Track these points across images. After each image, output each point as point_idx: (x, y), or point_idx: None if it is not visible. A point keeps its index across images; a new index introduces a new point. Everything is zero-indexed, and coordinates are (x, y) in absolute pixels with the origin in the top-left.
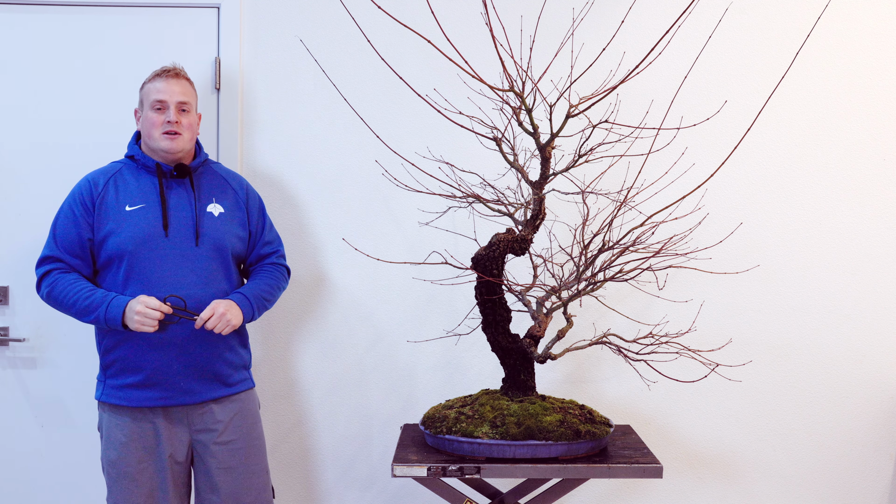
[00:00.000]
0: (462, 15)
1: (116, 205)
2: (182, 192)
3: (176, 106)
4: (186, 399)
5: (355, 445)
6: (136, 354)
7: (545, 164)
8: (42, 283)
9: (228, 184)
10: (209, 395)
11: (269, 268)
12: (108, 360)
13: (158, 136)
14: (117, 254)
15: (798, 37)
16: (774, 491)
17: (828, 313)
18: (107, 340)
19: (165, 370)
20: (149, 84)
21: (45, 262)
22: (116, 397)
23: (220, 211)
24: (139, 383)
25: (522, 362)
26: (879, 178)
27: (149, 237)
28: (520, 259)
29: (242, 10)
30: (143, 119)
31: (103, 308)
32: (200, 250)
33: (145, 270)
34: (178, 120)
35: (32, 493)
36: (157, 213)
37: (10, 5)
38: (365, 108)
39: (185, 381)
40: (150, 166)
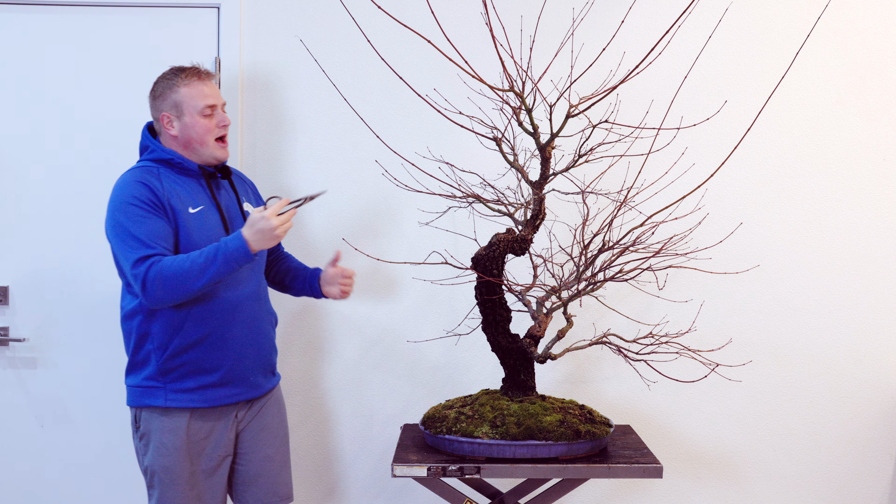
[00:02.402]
0: (462, 15)
1: (181, 206)
2: (225, 193)
3: (222, 108)
4: (254, 393)
5: (355, 445)
6: (212, 352)
7: (545, 164)
8: (148, 278)
9: (243, 180)
10: (267, 386)
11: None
12: (174, 364)
13: (213, 143)
14: None
15: (798, 37)
16: (774, 491)
17: (828, 313)
18: (176, 342)
19: (240, 366)
20: (184, 88)
21: (140, 261)
22: (187, 401)
23: (252, 208)
24: (215, 383)
25: (522, 362)
26: (879, 178)
27: (216, 240)
28: (520, 259)
29: (242, 10)
30: (185, 125)
31: (223, 248)
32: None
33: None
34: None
35: (32, 493)
36: (215, 215)
37: (10, 5)
38: (365, 108)
39: (254, 376)
40: (192, 169)
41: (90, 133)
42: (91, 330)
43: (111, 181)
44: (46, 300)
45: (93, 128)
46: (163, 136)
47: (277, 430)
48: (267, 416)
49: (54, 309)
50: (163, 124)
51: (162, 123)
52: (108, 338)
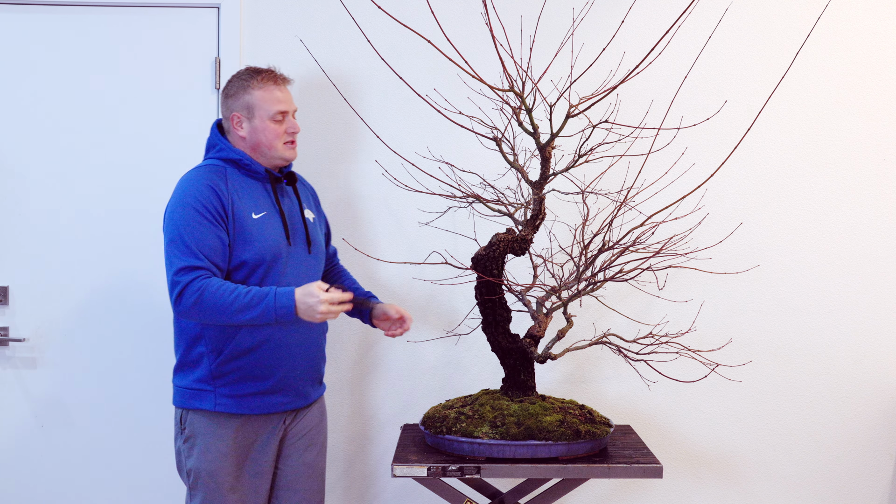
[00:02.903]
0: (462, 15)
1: (244, 211)
2: (288, 200)
3: (293, 114)
4: (302, 402)
5: (355, 445)
6: (267, 360)
7: (545, 164)
8: (185, 292)
9: (306, 186)
10: (315, 396)
11: (346, 270)
12: (227, 368)
13: (282, 146)
14: (253, 263)
15: (798, 37)
16: (774, 491)
17: (828, 313)
18: (232, 347)
19: (291, 375)
20: (258, 91)
21: (184, 271)
22: (236, 406)
23: (314, 216)
24: (265, 391)
25: (522, 362)
26: (879, 178)
27: (278, 246)
28: (520, 259)
29: (242, 10)
30: (256, 129)
31: (271, 297)
32: (312, 257)
33: (276, 278)
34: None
35: (32, 493)
36: (277, 222)
37: (10, 5)
38: (365, 108)
39: (303, 385)
40: (259, 172)
41: (90, 133)
42: (91, 330)
43: (111, 181)
44: (46, 300)
45: (93, 128)
46: (230, 135)
47: (317, 438)
48: (310, 424)
49: (54, 309)
50: (232, 124)
51: (231, 123)
52: (108, 338)
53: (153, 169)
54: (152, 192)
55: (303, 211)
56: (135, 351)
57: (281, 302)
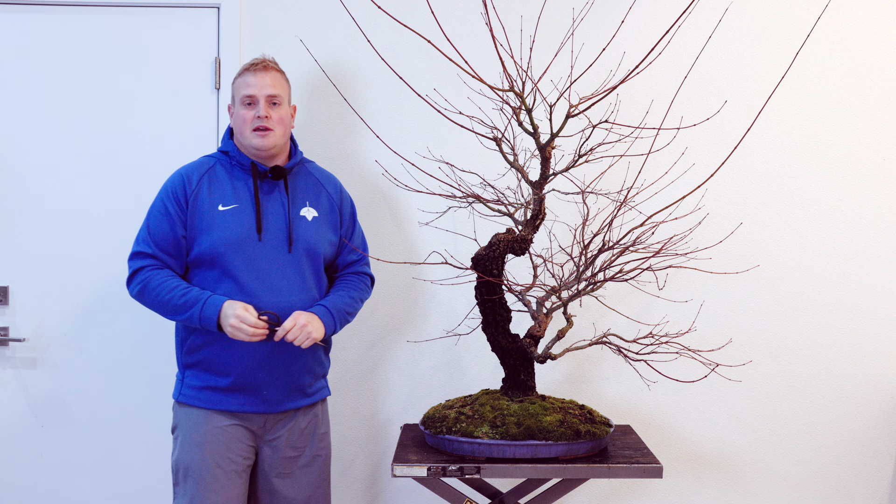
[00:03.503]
0: (462, 15)
1: (209, 203)
2: (276, 195)
3: (266, 100)
4: (267, 408)
5: (355, 445)
6: (224, 357)
7: (545, 164)
8: (134, 279)
9: (323, 186)
10: (289, 405)
11: (353, 278)
12: (191, 360)
13: (249, 133)
14: (209, 255)
15: (798, 37)
16: (774, 491)
17: (828, 313)
18: (192, 340)
19: (251, 377)
20: (238, 78)
21: (137, 257)
22: (198, 399)
23: (314, 215)
24: (224, 387)
25: (522, 362)
26: (879, 178)
27: (241, 240)
28: (520, 259)
29: (242, 10)
30: (234, 116)
31: (199, 306)
32: (293, 256)
33: (237, 274)
34: (268, 115)
35: (32, 493)
36: (250, 216)
37: (10, 5)
38: (365, 108)
39: (269, 391)
40: (245, 164)
41: (90, 133)
42: (91, 330)
43: (111, 181)
44: (46, 300)
45: (92, 128)
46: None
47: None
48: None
49: (54, 309)
50: (230, 116)
51: (230, 115)
52: (108, 338)
53: (153, 169)
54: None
55: (290, 207)
56: (135, 351)
57: (206, 312)
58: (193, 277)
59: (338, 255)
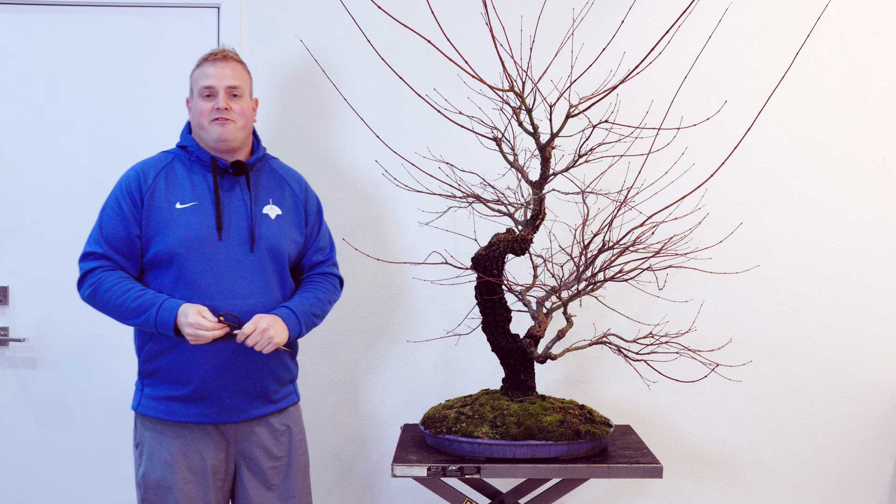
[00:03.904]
0: (462, 15)
1: (166, 201)
2: (237, 192)
3: (225, 91)
4: (231, 417)
5: (355, 445)
6: (182, 366)
7: (545, 164)
8: (85, 280)
9: (287, 183)
10: (254, 412)
11: (320, 279)
12: (149, 368)
13: (207, 123)
14: (166, 255)
15: (798, 37)
16: (774, 491)
17: (828, 313)
18: (150, 346)
19: (211, 385)
20: (197, 70)
21: (89, 258)
22: (158, 410)
23: (278, 213)
24: (183, 397)
25: (522, 362)
26: (879, 178)
27: (200, 239)
28: (520, 259)
29: (242, 10)
30: (192, 108)
31: (154, 310)
32: (255, 256)
33: (196, 275)
34: (228, 106)
35: (32, 493)
36: (209, 214)
37: (10, 5)
38: (365, 108)
39: (231, 398)
40: (204, 160)
41: (90, 133)
42: (91, 330)
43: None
44: (46, 300)
45: (92, 128)
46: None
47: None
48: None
49: (54, 309)
50: (188, 109)
51: (188, 109)
52: (107, 338)
53: None
54: None
55: (252, 205)
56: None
57: (162, 317)
58: (149, 279)
59: (303, 256)
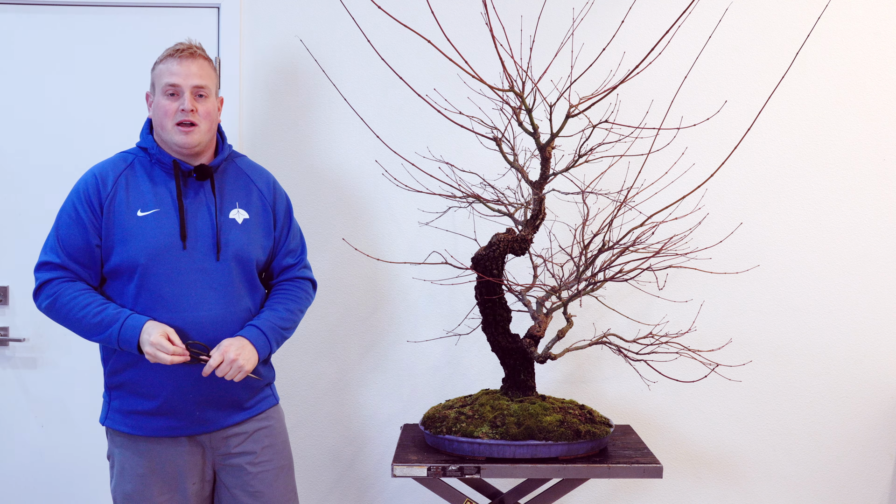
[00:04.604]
0: (462, 15)
1: (127, 208)
2: (201, 197)
3: (191, 91)
4: (203, 428)
5: (355, 445)
6: (149, 379)
7: (545, 164)
8: (41, 292)
9: (254, 183)
10: (226, 421)
11: (290, 286)
12: (115, 381)
13: (171, 127)
14: (127, 266)
15: (798, 37)
16: (774, 491)
17: (828, 313)
18: (114, 360)
19: (180, 398)
20: (160, 65)
21: (45, 268)
22: (125, 425)
23: (245, 217)
24: (151, 411)
25: (522, 362)
26: (879, 178)
27: (164, 249)
28: (520, 259)
29: (242, 10)
30: (154, 106)
31: (116, 327)
32: (221, 265)
33: (159, 287)
34: (194, 108)
35: (32, 493)
36: (173, 221)
37: (10, 5)
38: (365, 108)
39: (201, 411)
40: (165, 163)
41: (89, 133)
42: None
43: None
44: None
45: (92, 128)
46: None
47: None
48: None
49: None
50: (148, 106)
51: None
52: None
53: None
54: None
55: (217, 210)
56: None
57: (125, 335)
58: (110, 290)
59: (272, 259)
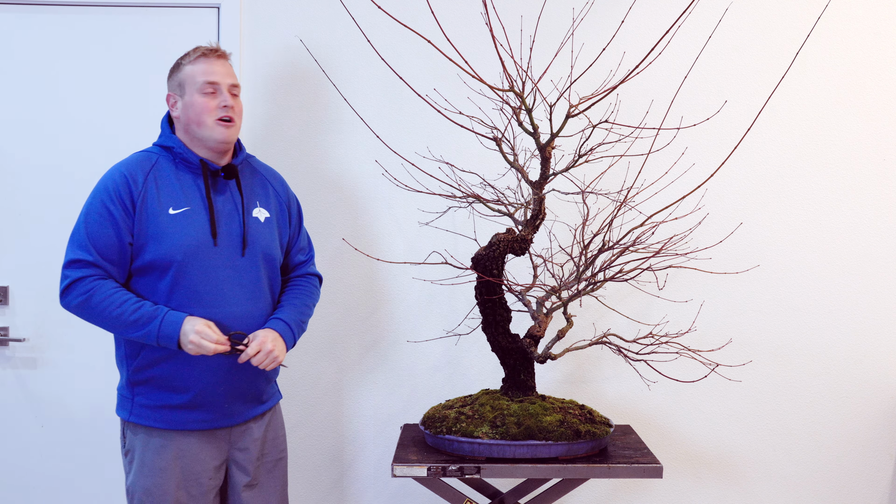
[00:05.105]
0: (462, 15)
1: (159, 206)
2: (228, 195)
3: (228, 89)
4: (228, 421)
5: (355, 445)
6: (182, 373)
7: (545, 164)
8: (73, 289)
9: (270, 183)
10: (249, 414)
11: (303, 282)
12: (142, 377)
13: (212, 123)
14: (161, 263)
15: (798, 37)
16: (774, 491)
17: (828, 313)
18: (143, 356)
19: (211, 392)
20: (190, 65)
21: (76, 265)
22: (154, 419)
23: (266, 216)
24: (183, 405)
25: (522, 362)
26: (879, 178)
27: (197, 246)
28: (520, 259)
29: (242, 10)
30: (186, 105)
31: (156, 323)
32: (247, 261)
33: (193, 283)
34: (233, 104)
35: (32, 493)
36: (203, 219)
37: (10, 5)
38: (365, 108)
39: (230, 403)
40: (192, 162)
41: (90, 133)
42: (91, 330)
43: None
44: (46, 300)
45: (92, 128)
46: (176, 123)
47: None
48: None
49: (54, 309)
50: (169, 106)
51: (168, 105)
52: (107, 338)
53: None
54: None
55: (244, 209)
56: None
57: (165, 331)
58: (139, 286)
59: (286, 256)
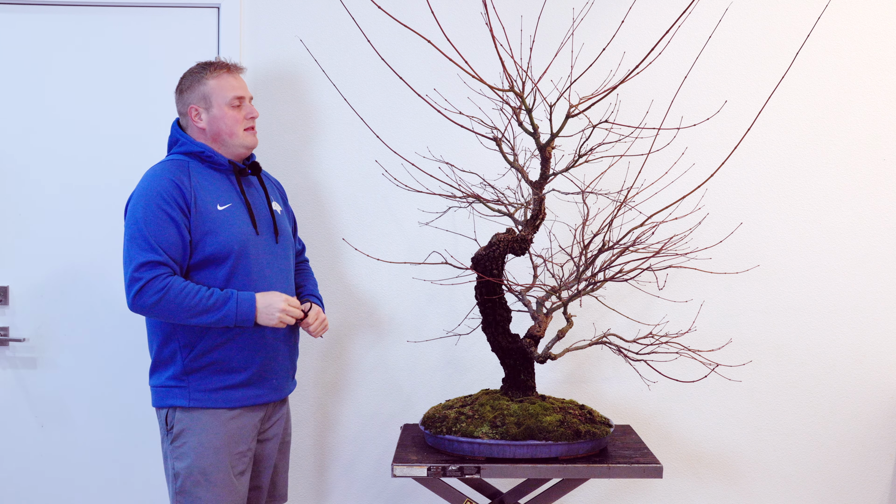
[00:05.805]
0: (462, 15)
1: (208, 204)
2: (254, 191)
3: (249, 101)
4: (276, 396)
5: (355, 445)
6: (241, 354)
7: (545, 164)
8: (148, 288)
9: (271, 179)
10: (288, 390)
11: (307, 267)
12: (200, 363)
13: (242, 133)
14: (221, 254)
15: (798, 37)
16: (774, 491)
17: (828, 313)
18: (205, 342)
19: (267, 367)
20: (212, 80)
21: (148, 266)
22: (213, 401)
23: (280, 208)
24: (241, 383)
25: (522, 362)
26: (879, 178)
27: (247, 237)
28: (520, 259)
29: (242, 10)
30: (215, 117)
31: (233, 303)
32: (280, 247)
33: (247, 270)
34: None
35: (32, 493)
36: (243, 212)
37: (10, 5)
38: (365, 108)
39: (278, 378)
40: (221, 164)
41: (90, 133)
42: (91, 330)
43: (111, 181)
44: (46, 300)
45: (92, 128)
46: (190, 130)
47: (285, 436)
48: (283, 422)
49: (54, 309)
50: (191, 117)
51: (190, 117)
52: (107, 338)
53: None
54: None
55: (269, 202)
56: (135, 351)
57: (242, 309)
58: (198, 278)
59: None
